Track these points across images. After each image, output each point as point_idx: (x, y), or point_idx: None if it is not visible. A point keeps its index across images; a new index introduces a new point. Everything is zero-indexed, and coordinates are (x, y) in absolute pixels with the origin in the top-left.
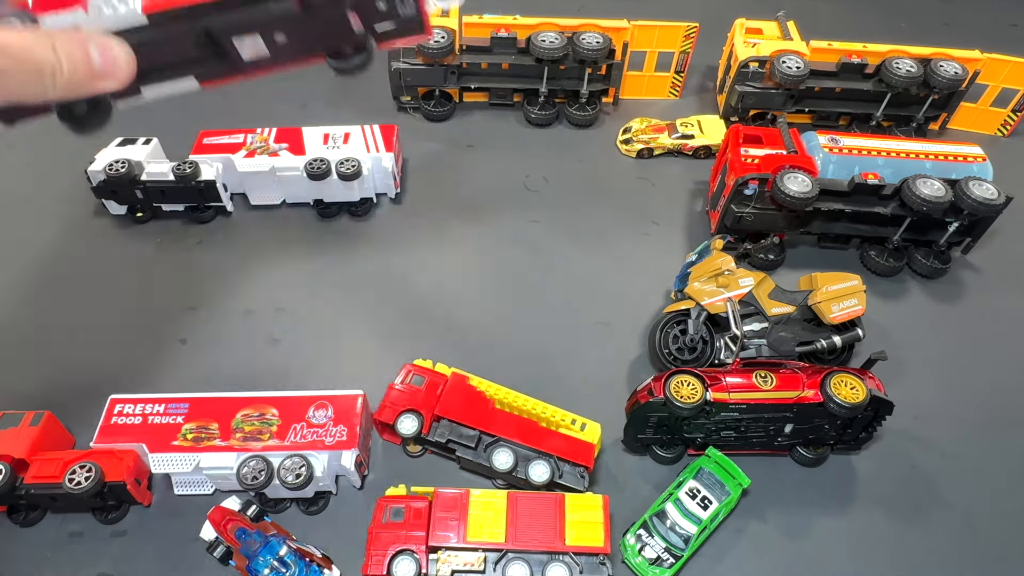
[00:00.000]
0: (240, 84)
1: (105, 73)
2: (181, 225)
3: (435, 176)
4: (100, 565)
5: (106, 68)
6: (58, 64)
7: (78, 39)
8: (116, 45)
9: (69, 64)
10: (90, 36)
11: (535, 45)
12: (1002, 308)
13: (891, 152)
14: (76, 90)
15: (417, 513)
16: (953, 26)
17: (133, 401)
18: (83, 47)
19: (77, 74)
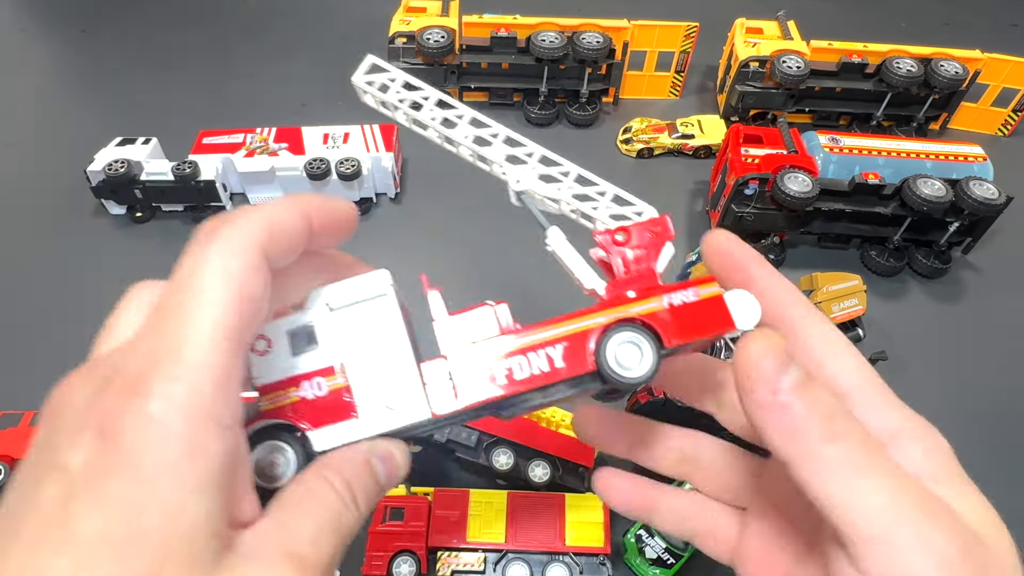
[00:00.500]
0: (240, 84)
1: (389, 485)
2: (181, 225)
3: (435, 176)
4: None
5: (390, 480)
6: (352, 505)
7: (360, 466)
8: (396, 452)
9: (363, 498)
10: (372, 450)
11: (535, 45)
12: (1002, 308)
13: (891, 152)
14: (369, 508)
15: (417, 514)
16: (953, 26)
17: None
18: (366, 471)
19: (370, 499)
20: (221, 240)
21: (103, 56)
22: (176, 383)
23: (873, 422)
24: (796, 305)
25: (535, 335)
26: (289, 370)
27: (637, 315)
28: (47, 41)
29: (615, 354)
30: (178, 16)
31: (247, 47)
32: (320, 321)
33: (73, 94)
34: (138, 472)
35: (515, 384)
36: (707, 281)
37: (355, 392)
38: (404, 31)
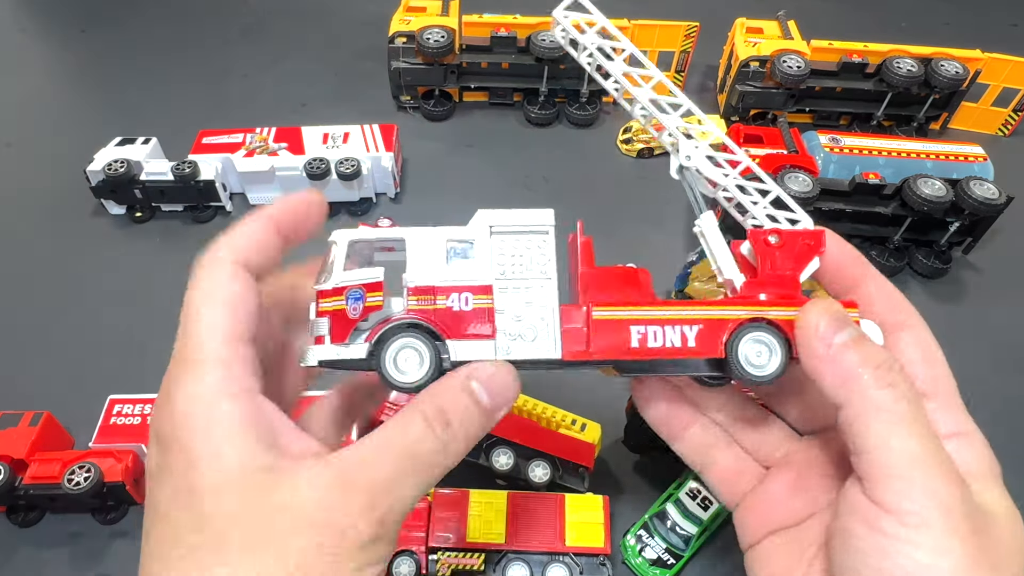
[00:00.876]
0: (239, 84)
1: (497, 406)
2: (180, 225)
3: (435, 176)
4: (99, 566)
5: (495, 399)
6: (440, 432)
7: (456, 391)
8: (498, 371)
9: (460, 422)
10: (471, 373)
11: (535, 44)
12: (1003, 308)
13: (892, 152)
14: (478, 433)
15: (417, 513)
16: (954, 26)
17: (132, 401)
18: (464, 395)
19: (471, 422)
20: (207, 271)
21: (103, 56)
22: (191, 385)
23: (946, 422)
24: (902, 311)
25: (676, 311)
26: (440, 278)
27: (776, 318)
28: (47, 41)
29: (745, 349)
30: (178, 16)
31: (247, 47)
32: (479, 239)
33: (73, 94)
34: (180, 450)
35: (646, 350)
36: (850, 305)
37: (498, 315)
38: (404, 31)
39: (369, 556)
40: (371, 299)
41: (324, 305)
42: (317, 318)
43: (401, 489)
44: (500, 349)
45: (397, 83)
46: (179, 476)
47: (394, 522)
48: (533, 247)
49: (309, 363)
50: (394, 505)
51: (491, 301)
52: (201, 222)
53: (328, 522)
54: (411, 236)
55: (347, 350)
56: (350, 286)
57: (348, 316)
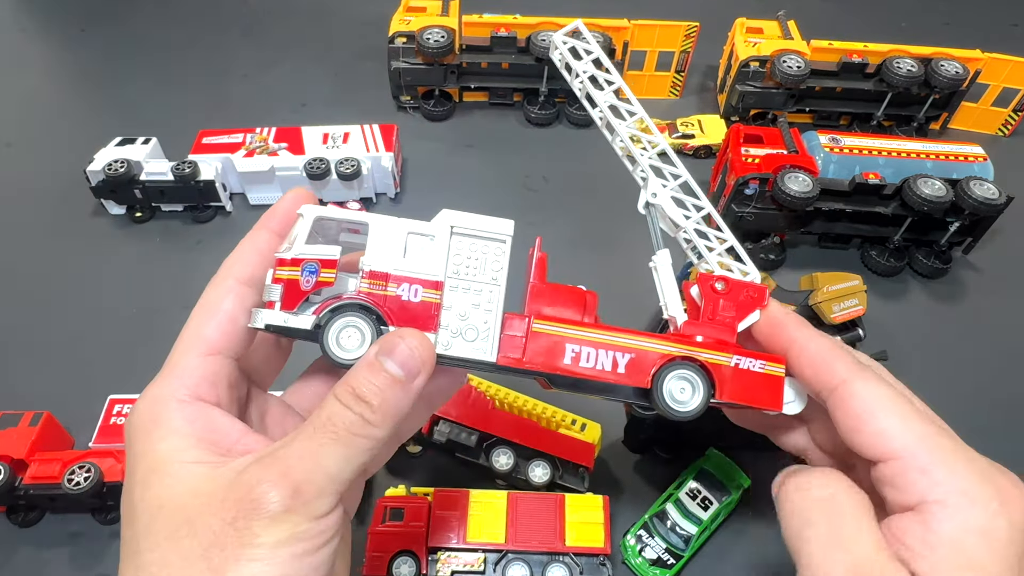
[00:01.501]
0: (239, 84)
1: (411, 375)
2: (180, 225)
3: (435, 176)
4: (99, 566)
5: (408, 366)
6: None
7: (363, 373)
8: (403, 340)
9: (374, 394)
10: (379, 349)
11: (535, 44)
12: (1003, 308)
13: (892, 152)
14: (398, 403)
15: (416, 514)
16: (954, 26)
17: (132, 401)
18: (373, 369)
19: (385, 393)
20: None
21: (103, 56)
22: (152, 389)
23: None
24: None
25: (612, 336)
26: (395, 266)
27: (704, 360)
28: (47, 41)
29: (670, 384)
30: (178, 16)
31: (247, 47)
32: (440, 236)
33: (73, 94)
34: (129, 447)
35: (576, 368)
36: (776, 360)
37: (444, 311)
38: (404, 31)
39: (284, 529)
40: (324, 275)
41: (280, 273)
42: (272, 283)
43: (318, 459)
44: (440, 343)
45: (397, 83)
46: (128, 472)
47: (315, 494)
48: (489, 253)
49: (256, 325)
50: (312, 476)
51: (439, 297)
52: (201, 222)
53: (242, 497)
54: (374, 222)
55: (294, 319)
56: (307, 259)
57: (300, 287)
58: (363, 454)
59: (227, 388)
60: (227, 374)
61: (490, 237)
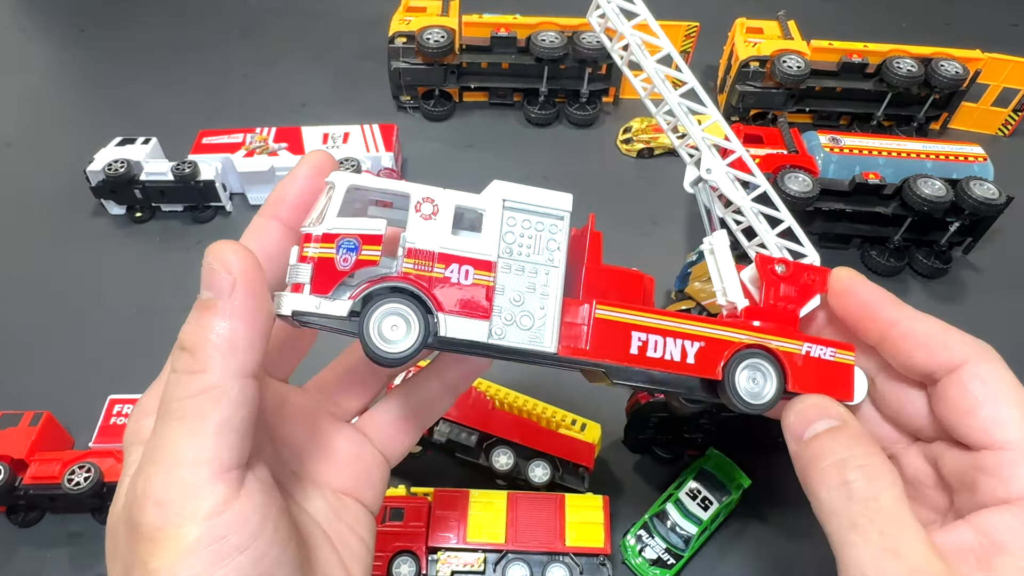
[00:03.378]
0: (239, 84)
1: (221, 290)
2: (180, 225)
3: (435, 176)
4: (99, 566)
5: (217, 288)
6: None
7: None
8: (220, 256)
9: (188, 337)
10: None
11: (535, 44)
12: (1003, 308)
13: (892, 152)
14: (221, 334)
15: (416, 514)
16: (954, 26)
17: (132, 401)
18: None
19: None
20: None
21: (103, 56)
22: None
23: (1017, 480)
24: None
25: (680, 324)
26: (442, 244)
27: (775, 348)
28: (47, 41)
29: (742, 375)
30: (178, 16)
31: (247, 47)
32: (491, 212)
33: (73, 94)
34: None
35: (644, 358)
36: (846, 348)
37: (497, 295)
38: (404, 31)
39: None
40: (367, 252)
41: (310, 250)
42: (298, 263)
43: (167, 452)
44: (494, 332)
45: (397, 83)
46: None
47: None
48: (544, 230)
49: (282, 312)
50: (169, 475)
51: (492, 279)
52: (201, 222)
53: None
54: (417, 193)
55: (328, 304)
56: (345, 234)
57: (336, 267)
58: (211, 413)
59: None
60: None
61: (546, 212)
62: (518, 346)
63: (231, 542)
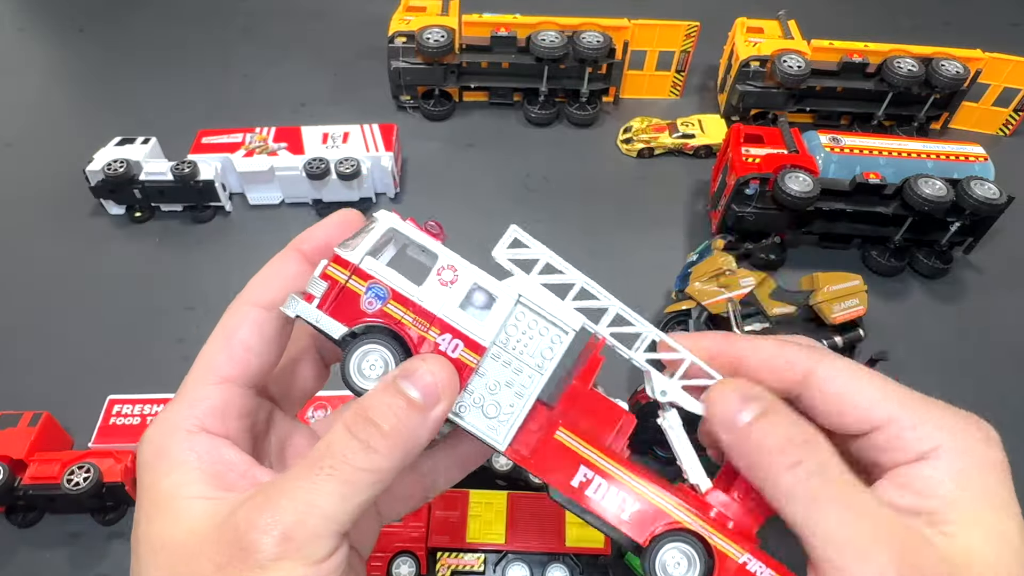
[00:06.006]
0: (239, 83)
1: (431, 401)
2: (180, 225)
3: (435, 176)
4: (99, 566)
5: (429, 397)
6: (360, 440)
7: (376, 395)
8: (433, 367)
9: (386, 423)
10: (399, 373)
11: (535, 44)
12: (1004, 308)
13: (892, 151)
14: (413, 432)
15: (416, 514)
16: (954, 25)
17: (131, 402)
18: (386, 397)
19: (401, 422)
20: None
21: (102, 56)
22: (163, 416)
23: (909, 444)
24: (804, 354)
25: (630, 477)
26: (446, 313)
27: (714, 545)
28: (46, 41)
29: (668, 552)
30: (177, 15)
31: (246, 46)
32: (503, 301)
33: (72, 94)
34: (139, 476)
35: (581, 495)
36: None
37: (475, 377)
38: (404, 30)
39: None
40: (393, 308)
41: (334, 271)
42: (319, 278)
43: (312, 497)
44: (457, 405)
45: (397, 83)
46: (136, 504)
47: (308, 538)
48: (546, 337)
49: (287, 311)
50: (305, 518)
51: (477, 362)
52: (201, 222)
53: (231, 542)
54: (444, 259)
55: (326, 321)
56: (380, 280)
57: (360, 305)
58: (365, 490)
59: (237, 418)
60: (239, 404)
61: (555, 322)
62: (472, 429)
63: None
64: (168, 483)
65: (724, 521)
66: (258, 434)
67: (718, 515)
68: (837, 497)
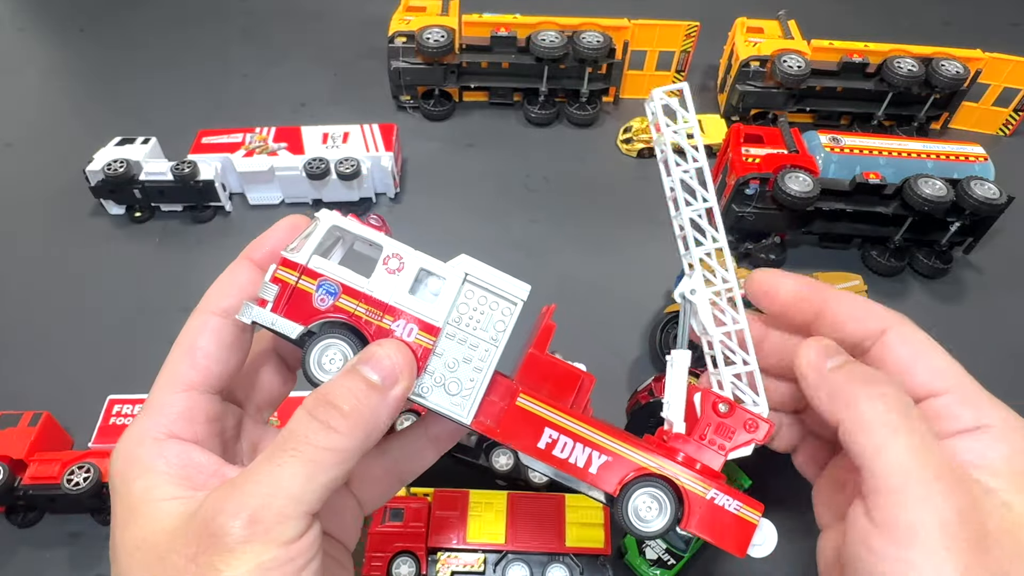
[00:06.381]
0: (239, 83)
1: (389, 383)
2: (180, 225)
3: (435, 176)
4: (99, 567)
5: (387, 378)
6: (321, 421)
7: (336, 380)
8: (390, 351)
9: (350, 402)
10: (359, 359)
11: (535, 44)
12: (1004, 308)
13: (893, 151)
14: (374, 412)
15: (416, 514)
16: (954, 25)
17: (131, 402)
18: (347, 381)
19: (362, 404)
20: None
21: (102, 56)
22: (132, 426)
23: (964, 416)
24: (886, 312)
25: (593, 433)
26: (397, 300)
27: (681, 485)
28: (47, 41)
29: (639, 498)
30: (177, 16)
31: (246, 46)
32: (451, 281)
33: (72, 94)
34: (112, 484)
35: (549, 455)
36: (755, 506)
37: (434, 358)
38: (404, 30)
39: (246, 560)
40: (345, 302)
41: (283, 274)
42: (269, 282)
43: (277, 479)
44: (419, 391)
45: (397, 83)
46: (112, 513)
47: (276, 520)
48: (497, 311)
49: (243, 319)
50: (271, 500)
51: (433, 342)
52: (200, 222)
53: (200, 531)
54: (388, 248)
55: (282, 323)
56: (329, 277)
57: (312, 303)
58: (329, 469)
59: (205, 423)
60: (205, 409)
61: (502, 295)
62: (437, 408)
63: (297, 564)
64: (139, 488)
65: (692, 464)
66: (228, 439)
67: (685, 459)
68: (913, 431)
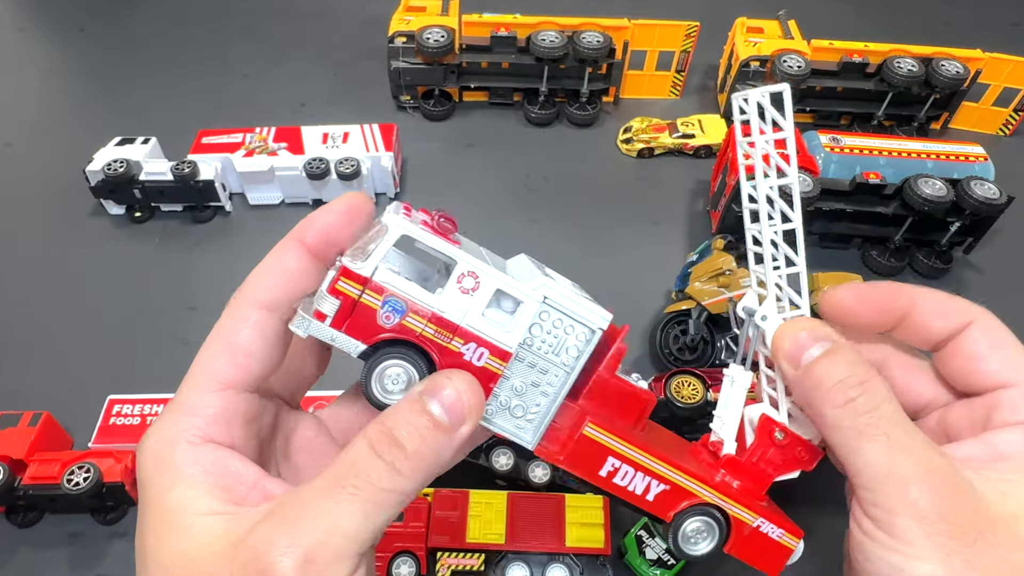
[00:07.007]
0: (239, 83)
1: (457, 423)
2: (180, 225)
3: (435, 176)
4: (99, 567)
5: (454, 413)
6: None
7: (403, 415)
8: (449, 383)
9: (412, 438)
10: (425, 391)
11: (535, 44)
12: (1004, 308)
13: (893, 152)
14: (438, 454)
15: (416, 514)
16: (954, 25)
17: (131, 402)
18: (413, 418)
19: (427, 445)
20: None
21: (102, 56)
22: (162, 428)
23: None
24: (955, 313)
25: (655, 463)
26: (468, 322)
27: (733, 515)
28: (47, 41)
29: (690, 524)
30: (177, 15)
31: (246, 46)
32: (527, 304)
33: (72, 94)
34: (142, 489)
35: (609, 483)
36: (796, 533)
37: (502, 383)
38: (404, 30)
39: None
40: (412, 321)
41: (345, 286)
42: (327, 293)
43: (334, 518)
44: (488, 411)
45: (397, 83)
46: (139, 516)
47: (330, 560)
48: (572, 335)
49: (299, 332)
50: (327, 539)
51: (503, 368)
52: (201, 222)
53: (248, 563)
54: (463, 266)
55: (343, 340)
56: (396, 293)
57: (377, 319)
58: (388, 510)
59: (242, 425)
60: (243, 410)
61: (581, 321)
62: (500, 432)
63: None
64: (174, 498)
65: (740, 488)
66: (264, 439)
67: (735, 488)
68: (884, 434)
